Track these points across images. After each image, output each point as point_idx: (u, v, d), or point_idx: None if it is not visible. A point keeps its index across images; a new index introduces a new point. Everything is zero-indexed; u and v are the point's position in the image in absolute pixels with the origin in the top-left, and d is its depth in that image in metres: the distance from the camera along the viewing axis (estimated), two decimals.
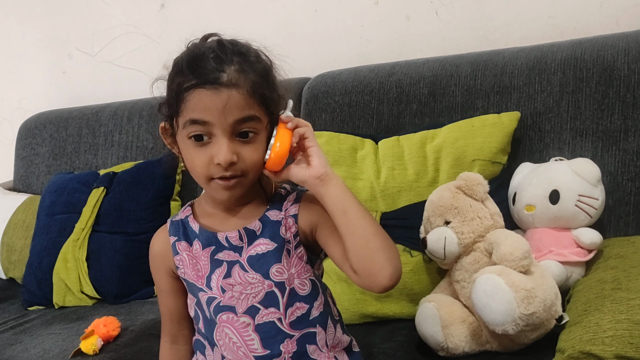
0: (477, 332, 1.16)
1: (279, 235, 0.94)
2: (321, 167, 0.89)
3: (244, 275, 0.93)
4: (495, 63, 1.51)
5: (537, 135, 1.44)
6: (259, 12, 2.02)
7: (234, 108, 0.86)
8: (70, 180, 1.91)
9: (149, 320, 1.54)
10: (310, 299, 0.95)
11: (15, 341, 1.54)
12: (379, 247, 0.87)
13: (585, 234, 1.27)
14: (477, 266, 1.19)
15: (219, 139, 0.87)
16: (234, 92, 0.86)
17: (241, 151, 0.88)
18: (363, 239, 0.87)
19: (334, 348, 0.98)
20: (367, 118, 1.64)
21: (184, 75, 0.87)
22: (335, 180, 0.90)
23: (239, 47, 0.91)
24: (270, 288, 0.93)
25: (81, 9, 2.38)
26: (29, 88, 2.58)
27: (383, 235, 0.88)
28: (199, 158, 0.88)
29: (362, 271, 0.87)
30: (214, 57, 0.87)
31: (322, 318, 0.97)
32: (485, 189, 1.23)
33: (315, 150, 0.91)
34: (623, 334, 0.96)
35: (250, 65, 0.88)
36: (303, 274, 0.95)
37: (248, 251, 0.94)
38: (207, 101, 0.85)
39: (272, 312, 0.93)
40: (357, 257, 0.87)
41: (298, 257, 0.95)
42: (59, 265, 1.76)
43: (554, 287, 1.12)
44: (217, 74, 0.85)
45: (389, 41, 1.85)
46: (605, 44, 1.41)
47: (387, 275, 0.86)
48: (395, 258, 0.87)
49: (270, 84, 0.91)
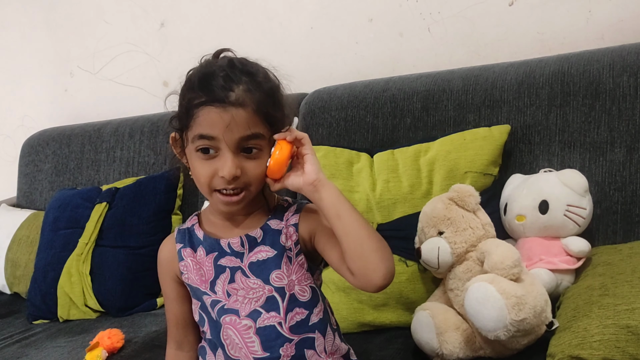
0: (471, 339, 1.19)
1: (279, 243, 0.98)
2: (313, 174, 0.93)
3: (245, 281, 0.97)
4: (485, 78, 1.55)
5: (527, 147, 1.48)
6: (256, 30, 2.06)
7: (239, 125, 0.90)
8: (73, 196, 1.94)
9: (152, 332, 1.56)
10: (310, 305, 0.99)
11: (21, 354, 1.56)
12: (373, 249, 0.90)
13: (574, 242, 1.30)
14: (469, 275, 1.22)
15: (225, 153, 0.91)
16: (240, 110, 0.90)
17: (245, 165, 0.93)
18: (357, 241, 0.90)
19: (332, 355, 1.02)
20: (362, 132, 1.68)
21: (195, 92, 0.92)
22: (329, 186, 0.94)
23: (249, 67, 0.95)
24: (270, 293, 0.97)
25: (82, 28, 2.42)
26: (31, 106, 2.61)
27: (376, 238, 0.92)
28: (204, 170, 0.93)
29: (357, 271, 0.91)
30: (223, 76, 0.92)
31: (322, 324, 1.00)
32: (476, 200, 1.26)
33: (309, 158, 0.95)
34: (610, 339, 0.99)
35: (257, 85, 0.93)
36: (304, 281, 0.99)
37: (249, 258, 0.98)
38: (214, 118, 0.90)
39: (273, 316, 0.97)
40: (353, 258, 0.91)
41: (299, 264, 0.99)
42: (63, 280, 1.79)
43: (544, 294, 1.15)
44: (225, 93, 0.90)
45: (383, 57, 1.89)
46: (591, 58, 1.46)
47: (380, 276, 0.90)
48: (388, 259, 0.91)
49: (276, 103, 0.96)
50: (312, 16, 1.98)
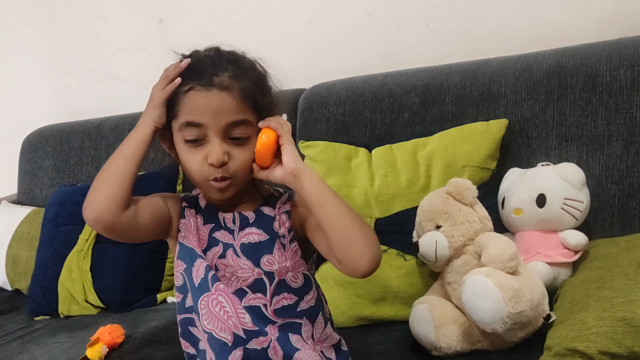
0: (469, 332, 1.20)
1: (272, 229, 0.99)
2: (291, 164, 0.93)
3: (236, 260, 0.98)
4: (483, 72, 1.56)
5: (525, 141, 1.49)
6: (254, 25, 2.06)
7: (226, 111, 0.91)
8: (74, 192, 1.95)
9: (152, 328, 1.57)
10: (300, 292, 1.00)
11: (22, 350, 1.57)
12: (357, 236, 0.90)
13: (572, 235, 1.31)
14: (467, 268, 1.22)
15: (212, 140, 0.92)
16: (225, 95, 0.91)
17: (232, 152, 0.93)
18: (341, 229, 0.90)
19: (321, 342, 1.02)
20: (360, 127, 1.68)
21: (181, 79, 0.94)
22: (309, 175, 0.93)
23: (235, 56, 0.97)
24: (259, 276, 0.97)
25: (82, 24, 2.42)
26: (31, 103, 2.61)
27: (361, 224, 0.92)
28: (193, 159, 0.94)
29: (344, 259, 0.91)
30: (209, 63, 0.94)
31: (312, 312, 1.01)
32: (474, 194, 1.27)
33: (286, 148, 0.94)
34: (606, 331, 1.00)
35: (243, 72, 0.94)
36: (297, 268, 1.00)
37: (241, 238, 0.99)
38: (200, 103, 0.91)
39: (258, 297, 0.97)
40: (338, 246, 0.91)
41: (293, 251, 0.99)
42: (63, 276, 1.79)
43: (541, 287, 1.15)
44: (211, 77, 0.92)
45: (380, 52, 1.89)
46: (588, 52, 1.46)
47: (366, 262, 0.89)
48: (373, 245, 0.91)
49: (264, 91, 0.97)
50: (310, 12, 1.98)
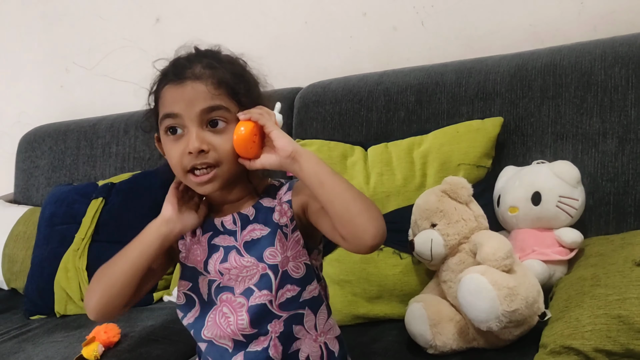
0: (464, 330, 1.20)
1: (272, 221, 0.98)
2: (288, 146, 0.91)
3: (239, 260, 0.98)
4: (478, 71, 1.56)
5: (520, 139, 1.49)
6: (250, 25, 2.06)
7: (199, 98, 0.92)
8: (70, 191, 1.95)
9: (148, 327, 1.57)
10: (302, 282, 0.99)
11: (18, 349, 1.57)
12: (359, 211, 0.89)
13: (567, 233, 1.31)
14: (462, 267, 1.22)
15: (190, 129, 0.93)
16: (197, 84, 0.92)
17: (213, 141, 0.93)
18: (343, 206, 0.89)
19: (324, 333, 1.02)
20: (356, 126, 1.68)
21: (160, 78, 0.97)
22: (307, 155, 0.92)
23: (212, 51, 0.99)
24: (264, 271, 0.97)
25: (78, 24, 2.42)
26: (27, 102, 2.61)
27: (361, 199, 0.91)
28: (174, 151, 0.94)
29: (348, 236, 0.90)
30: (185, 59, 0.96)
31: (314, 302, 1.01)
32: (469, 192, 1.27)
33: (276, 134, 0.92)
34: (601, 329, 1.00)
35: (219, 62, 0.95)
36: (298, 257, 0.99)
37: (243, 237, 0.98)
38: (174, 95, 0.93)
39: (264, 294, 0.97)
40: (341, 223, 0.90)
41: (295, 240, 0.99)
42: (59, 275, 1.79)
43: (536, 285, 1.16)
44: (184, 70, 0.93)
45: (376, 51, 1.89)
46: (582, 50, 1.46)
47: (370, 236, 0.88)
48: (376, 218, 0.90)
49: (244, 81, 0.97)
50: (306, 11, 1.98)
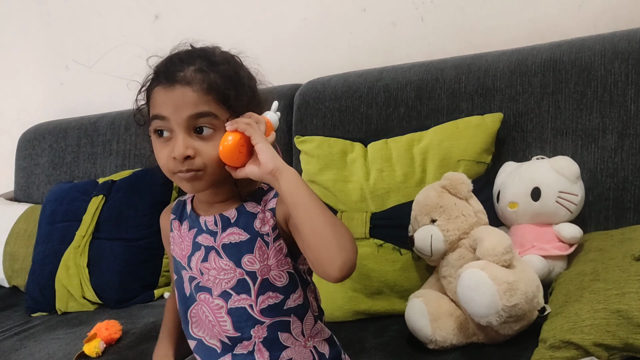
0: (464, 325, 1.20)
1: (252, 228, 0.97)
2: (270, 163, 0.89)
3: (218, 261, 0.98)
4: (478, 66, 1.56)
5: (520, 135, 1.49)
6: (250, 22, 2.06)
7: (188, 104, 0.91)
8: (70, 189, 1.95)
9: (149, 323, 1.57)
10: (285, 291, 0.99)
11: (20, 346, 1.57)
12: (327, 239, 0.86)
13: (566, 229, 1.31)
14: (462, 262, 1.22)
15: (177, 134, 0.92)
16: (187, 89, 0.92)
17: (199, 147, 0.92)
18: (311, 230, 0.87)
19: (312, 338, 1.02)
20: (356, 122, 1.68)
21: (152, 77, 0.97)
22: (287, 174, 0.90)
23: (205, 51, 0.97)
24: (241, 276, 0.97)
25: (77, 21, 2.42)
26: (27, 100, 2.61)
27: (334, 226, 0.87)
28: (161, 153, 0.95)
29: (314, 262, 0.88)
30: (177, 59, 0.95)
31: (300, 310, 1.00)
32: (468, 187, 1.27)
33: (260, 147, 0.90)
34: (600, 323, 1.01)
35: (211, 65, 0.94)
36: (281, 266, 0.98)
37: (222, 239, 0.99)
38: (163, 97, 0.93)
39: (243, 298, 0.97)
40: (309, 248, 0.88)
41: (276, 249, 0.98)
42: (60, 272, 1.80)
43: (536, 280, 1.16)
44: (175, 73, 0.92)
45: (376, 47, 1.89)
46: (582, 45, 1.46)
47: (336, 267, 0.85)
48: (345, 249, 0.86)
49: (238, 85, 0.95)
50: (306, 7, 1.98)
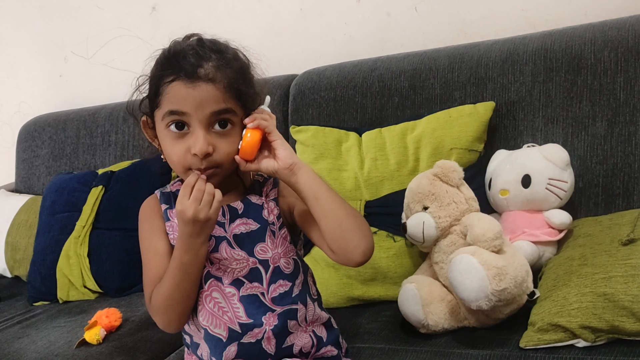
0: (456, 310, 1.22)
1: (262, 217, 1.00)
2: (289, 159, 0.94)
3: (230, 252, 0.99)
4: (471, 56, 1.57)
5: (512, 123, 1.51)
6: (246, 12, 2.06)
7: (211, 101, 0.92)
8: (70, 180, 1.97)
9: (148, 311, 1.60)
10: (292, 277, 1.02)
11: (22, 334, 1.59)
12: (352, 228, 0.93)
13: (556, 215, 1.33)
14: (453, 248, 1.24)
15: (196, 130, 0.92)
16: (210, 86, 0.92)
17: (217, 143, 0.94)
18: (336, 222, 0.93)
19: (312, 323, 1.05)
20: (351, 112, 1.70)
21: (164, 70, 0.94)
22: (305, 169, 0.94)
23: (218, 45, 0.97)
24: (254, 265, 0.99)
25: (75, 13, 2.43)
26: (27, 92, 2.62)
27: (354, 216, 0.94)
28: (176, 149, 0.94)
29: (338, 250, 0.93)
30: (193, 54, 0.94)
31: (302, 296, 1.03)
32: (460, 175, 1.29)
33: (279, 143, 0.95)
34: (587, 306, 1.03)
35: (227, 62, 0.94)
36: (288, 254, 1.02)
37: (232, 229, 1.00)
38: (184, 94, 0.91)
39: (255, 286, 0.99)
40: (332, 238, 0.93)
41: (282, 237, 1.01)
42: (61, 262, 1.82)
43: (525, 265, 1.18)
44: (195, 69, 0.92)
45: (371, 37, 1.90)
46: (573, 34, 1.48)
47: (360, 253, 0.93)
48: (367, 235, 0.94)
49: (247, 80, 0.97)
50: None
